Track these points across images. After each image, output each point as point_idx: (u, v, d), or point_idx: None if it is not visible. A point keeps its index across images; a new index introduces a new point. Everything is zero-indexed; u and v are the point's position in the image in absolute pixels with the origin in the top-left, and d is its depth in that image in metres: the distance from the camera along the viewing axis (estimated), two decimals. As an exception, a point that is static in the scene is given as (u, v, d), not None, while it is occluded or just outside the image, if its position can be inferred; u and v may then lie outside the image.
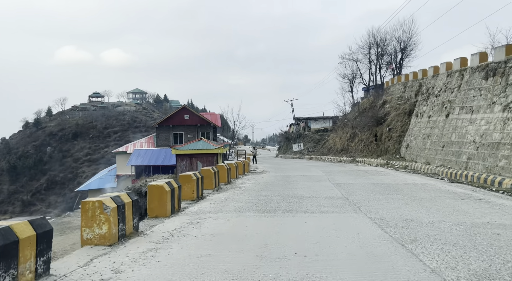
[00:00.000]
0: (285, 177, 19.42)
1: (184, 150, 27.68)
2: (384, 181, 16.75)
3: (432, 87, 25.28)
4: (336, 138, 42.39)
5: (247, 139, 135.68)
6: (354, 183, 15.80)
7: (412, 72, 30.44)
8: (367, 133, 33.60)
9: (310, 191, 13.36)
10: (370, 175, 20.05)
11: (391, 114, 30.29)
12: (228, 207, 10.00)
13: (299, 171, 23.86)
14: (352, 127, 37.81)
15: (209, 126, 46.67)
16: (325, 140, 50.31)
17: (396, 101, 30.98)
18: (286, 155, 59.15)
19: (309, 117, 59.21)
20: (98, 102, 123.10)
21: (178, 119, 45.90)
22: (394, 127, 29.19)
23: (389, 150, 28.85)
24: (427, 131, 23.79)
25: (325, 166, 28.49)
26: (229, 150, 47.76)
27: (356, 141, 35.85)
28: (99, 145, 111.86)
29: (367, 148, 32.92)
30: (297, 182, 16.47)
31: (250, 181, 17.25)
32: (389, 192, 12.71)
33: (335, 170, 24.21)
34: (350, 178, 18.14)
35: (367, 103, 37.67)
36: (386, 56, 50.71)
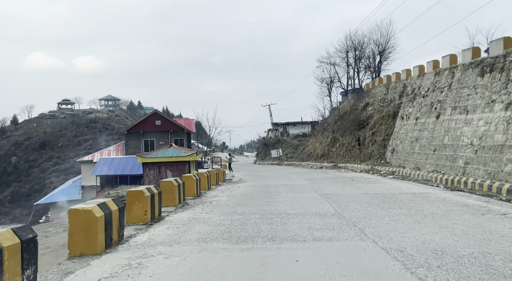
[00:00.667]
0: (264, 186, 17.02)
1: (151, 157, 24.85)
2: (376, 190, 14.64)
3: (418, 88, 23.65)
4: (316, 144, 40.48)
5: (225, 146, 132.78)
6: (344, 193, 13.58)
7: (394, 73, 28.91)
8: (349, 137, 31.77)
9: (296, 205, 11.00)
10: (358, 182, 17.95)
11: (374, 117, 28.57)
12: (190, 233, 7.47)
13: (280, 179, 21.54)
14: (332, 131, 35.98)
15: (183, 132, 43.80)
16: (304, 145, 48.42)
17: (379, 103, 29.32)
18: (265, 161, 56.88)
19: (287, 123, 57.29)
20: (68, 110, 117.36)
21: (149, 125, 42.82)
22: (378, 131, 27.42)
23: (373, 155, 27.02)
24: (415, 134, 22.03)
25: (307, 173, 26.32)
26: (204, 157, 44.98)
27: (337, 146, 33.99)
28: (69, 154, 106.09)
29: (349, 153, 31.05)
30: (278, 193, 14.09)
31: (224, 193, 14.73)
32: (389, 205, 10.52)
33: (318, 177, 22.04)
34: (337, 187, 15.95)
35: (347, 106, 35.97)
36: (364, 60, 49.64)
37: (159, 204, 9.12)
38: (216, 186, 17.61)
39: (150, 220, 8.50)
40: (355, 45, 49.80)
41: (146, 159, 24.93)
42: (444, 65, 20.65)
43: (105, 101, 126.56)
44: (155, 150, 26.88)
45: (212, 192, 15.07)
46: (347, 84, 53.74)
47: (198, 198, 13.16)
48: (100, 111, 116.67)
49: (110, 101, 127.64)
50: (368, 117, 29.31)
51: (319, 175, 23.71)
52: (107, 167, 34.52)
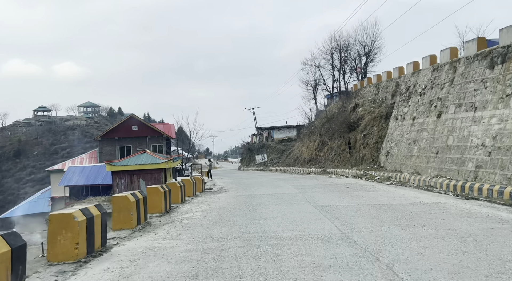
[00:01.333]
0: (248, 197, 14.55)
1: (122, 165, 22.03)
2: (379, 199, 12.38)
3: (413, 86, 21.72)
4: (302, 148, 38.28)
5: (208, 152, 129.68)
6: (344, 205, 11.25)
7: (385, 71, 27.03)
8: (338, 141, 29.67)
9: (288, 223, 8.58)
10: (354, 190, 15.70)
11: (365, 118, 26.56)
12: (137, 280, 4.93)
13: (266, 186, 19.11)
14: (320, 135, 33.84)
15: (162, 138, 40.95)
16: (290, 150, 46.20)
17: (370, 104, 27.35)
18: (249, 167, 54.40)
19: (272, 127, 55.07)
20: (45, 117, 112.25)
21: (125, 130, 39.80)
22: (369, 133, 25.39)
23: (365, 159, 24.92)
24: (413, 135, 20.01)
25: (295, 179, 23.98)
26: (185, 163, 42.19)
27: (325, 150, 31.84)
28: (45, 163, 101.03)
29: (338, 157, 28.92)
30: (265, 206, 11.65)
31: (201, 207, 12.18)
32: (406, 222, 8.21)
33: (308, 184, 19.72)
34: (333, 197, 13.62)
35: (335, 108, 33.97)
36: (350, 61, 48.02)
37: (102, 229, 6.54)
38: (192, 198, 15.03)
39: (86, 254, 5.91)
40: (340, 47, 48.17)
41: (116, 167, 22.10)
42: (443, 60, 18.75)
43: (84, 108, 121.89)
44: (127, 157, 24.07)
45: (186, 206, 12.49)
46: (332, 87, 52.03)
47: (166, 214, 10.58)
48: (79, 118, 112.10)
49: (90, 108, 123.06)
50: (358, 119, 27.29)
51: (309, 182, 21.39)
52: (77, 176, 31.36)
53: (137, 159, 22.60)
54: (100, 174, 31.32)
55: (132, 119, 40.30)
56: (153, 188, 10.53)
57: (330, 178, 23.97)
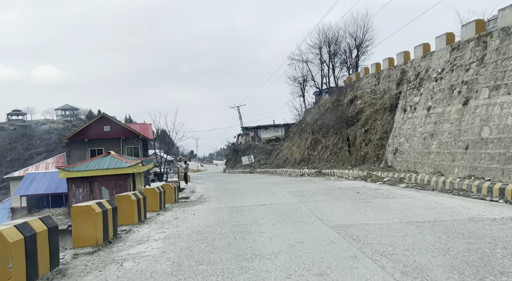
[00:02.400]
0: (234, 210, 10.71)
1: (79, 171, 17.86)
2: (414, 212, 8.79)
3: (425, 71, 18.32)
4: (293, 148, 34.67)
5: (193, 155, 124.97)
6: (372, 224, 7.58)
7: (387, 58, 23.66)
8: (333, 138, 26.14)
9: (304, 269, 4.81)
10: (369, 197, 12.09)
11: (366, 111, 23.10)
12: None
13: (256, 193, 15.30)
14: (312, 132, 30.29)
15: (137, 139, 36.66)
16: (279, 150, 42.57)
17: (369, 95, 23.94)
18: (235, 170, 50.48)
19: (258, 126, 51.30)
20: (19, 121, 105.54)
21: (95, 131, 35.36)
22: (372, 128, 21.92)
23: (368, 158, 21.42)
24: (429, 128, 16.57)
25: (288, 182, 20.26)
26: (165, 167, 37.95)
27: (319, 149, 28.28)
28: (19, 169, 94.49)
29: (335, 156, 25.38)
30: (259, 227, 7.84)
31: (164, 231, 8.26)
32: (504, 263, 4.56)
33: (306, 189, 16.03)
34: (347, 208, 9.95)
35: (329, 102, 30.47)
36: (340, 55, 44.78)
37: None
38: (159, 213, 11.08)
39: None
40: (329, 40, 44.91)
41: (72, 172, 17.91)
42: (466, 36, 15.37)
43: (62, 111, 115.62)
44: (86, 160, 19.86)
45: (143, 229, 8.53)
46: (321, 82, 48.72)
47: (104, 248, 6.62)
48: (55, 121, 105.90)
49: (68, 111, 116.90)
50: (357, 112, 23.81)
51: (306, 186, 17.70)
52: (36, 184, 26.86)
53: (98, 162, 18.47)
54: (63, 181, 26.90)
55: (103, 119, 35.86)
56: (84, 207, 6.57)
57: (329, 181, 20.35)
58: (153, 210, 11.26)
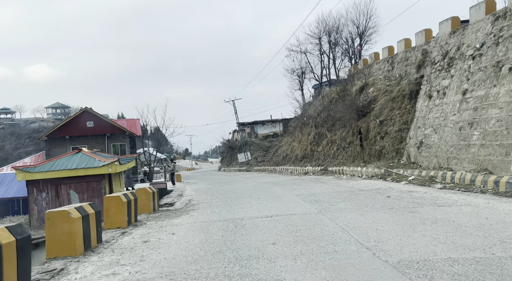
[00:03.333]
0: (230, 226, 7.52)
1: (42, 171, 14.52)
2: (503, 234, 5.64)
3: (456, 48, 15.21)
4: (293, 143, 31.53)
5: (188, 153, 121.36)
6: (465, 259, 4.38)
7: (402, 40, 20.53)
8: (341, 131, 23.02)
9: None
10: (410, 203, 8.99)
11: (379, 100, 19.99)
12: None
13: (257, 198, 12.09)
14: (315, 126, 27.17)
15: (124, 135, 33.26)
16: (277, 146, 39.43)
17: (383, 82, 20.83)
18: (231, 168, 47.28)
19: (255, 121, 48.07)
20: (8, 120, 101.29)
21: (78, 127, 31.92)
22: (388, 119, 18.81)
23: (385, 153, 18.32)
24: (467, 116, 13.46)
25: (293, 183, 17.10)
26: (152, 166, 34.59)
27: (324, 144, 25.15)
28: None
29: (344, 152, 22.26)
30: (273, 267, 4.63)
31: (116, 275, 5.01)
32: None
33: (319, 191, 12.86)
34: (395, 223, 6.82)
35: (334, 93, 27.32)
36: (341, 45, 41.63)
37: None
38: (125, 231, 7.81)
39: None
40: (329, 28, 41.75)
41: (33, 173, 14.57)
42: (516, 0, 12.25)
43: (52, 109, 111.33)
44: (51, 159, 16.48)
45: (84, 268, 5.25)
46: (321, 75, 45.54)
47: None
48: (45, 120, 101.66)
49: (59, 109, 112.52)
50: (370, 102, 20.68)
51: (317, 187, 14.54)
52: (5, 186, 23.43)
53: (66, 161, 15.13)
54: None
55: (86, 114, 32.39)
56: None
57: (341, 180, 17.21)
58: (118, 226, 8.01)
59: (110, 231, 7.75)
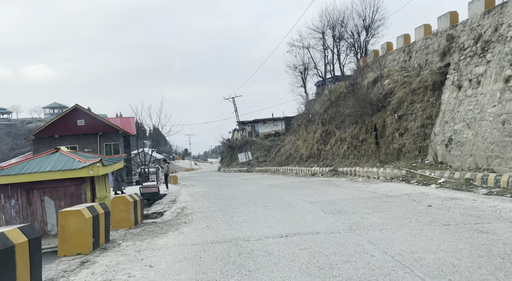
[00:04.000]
0: (232, 254, 5.31)
1: (10, 174, 12.28)
2: None
3: (493, 30, 13.00)
4: (297, 142, 29.33)
5: (187, 153, 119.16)
6: None
7: (421, 26, 18.32)
8: (352, 128, 20.83)
9: None
10: (467, 216, 6.84)
11: (397, 93, 17.79)
12: None
13: (263, 205, 9.89)
14: (322, 123, 24.97)
15: (117, 134, 31.05)
16: (279, 146, 37.23)
17: (400, 74, 18.63)
18: (231, 168, 45.06)
19: (256, 120, 45.83)
20: (4, 120, 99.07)
21: (68, 126, 29.71)
22: (408, 113, 16.62)
23: (405, 152, 16.12)
24: (510, 107, 11.24)
25: (303, 186, 14.89)
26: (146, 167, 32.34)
27: (332, 142, 22.96)
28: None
29: (355, 151, 20.07)
30: None
31: None
32: None
33: (337, 198, 10.66)
34: (471, 255, 4.56)
35: (342, 87, 25.10)
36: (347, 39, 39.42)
37: None
38: (86, 260, 5.57)
39: None
40: (334, 22, 39.58)
41: (1, 177, 12.33)
42: None
43: (50, 109, 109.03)
44: (22, 160, 14.23)
45: None
46: (325, 71, 43.30)
47: None
48: (42, 120, 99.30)
49: (56, 109, 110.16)
50: (385, 95, 18.48)
51: (332, 192, 12.32)
52: (-16, 190, 21.16)
53: (40, 163, 12.89)
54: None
55: (76, 112, 30.16)
56: None
57: (357, 183, 15.00)
58: (78, 252, 5.79)
59: (65, 260, 5.53)
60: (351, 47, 38.77)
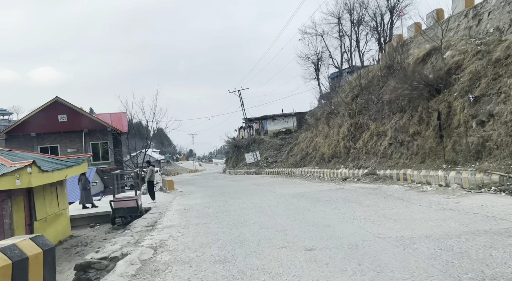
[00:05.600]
0: None
1: None
2: None
3: None
4: (316, 139, 24.27)
5: (192, 154, 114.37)
6: None
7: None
8: (397, 118, 15.76)
9: None
10: None
11: (468, 67, 12.67)
12: None
13: (304, 249, 4.90)
14: (350, 115, 19.88)
15: (106, 132, 26.20)
16: (292, 144, 32.19)
17: (470, 42, 13.48)
18: (237, 170, 40.08)
19: (264, 116, 40.78)
20: (5, 121, 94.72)
21: (47, 122, 24.91)
22: (491, 93, 11.48)
23: (491, 148, 10.99)
24: None
25: (347, 199, 9.86)
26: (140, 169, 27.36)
27: (365, 138, 17.90)
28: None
29: (402, 148, 14.98)
30: None
31: None
32: None
33: (444, 233, 5.59)
34: None
35: (376, 70, 19.97)
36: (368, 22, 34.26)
37: None
38: None
39: None
40: (351, 5, 34.48)
41: None
42: None
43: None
44: None
45: None
46: (341, 61, 38.19)
47: None
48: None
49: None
50: (448, 71, 13.34)
51: (414, 216, 7.25)
52: None
53: None
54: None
55: (57, 105, 25.33)
56: None
57: (426, 194, 9.89)
58: None
59: None
60: (372, 32, 33.62)
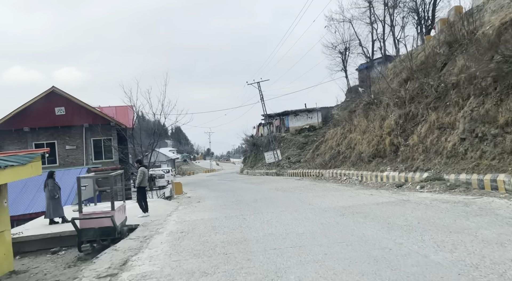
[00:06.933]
0: None
1: None
2: None
3: None
4: (351, 135, 20.21)
5: (209, 153, 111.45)
6: None
7: None
8: (471, 105, 11.56)
9: None
10: None
11: None
12: None
13: None
14: (398, 105, 15.77)
15: (109, 127, 22.98)
16: (317, 142, 28.15)
17: None
18: (256, 170, 36.33)
19: (285, 112, 36.86)
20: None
21: (42, 116, 21.89)
22: None
23: None
24: None
25: (442, 227, 5.97)
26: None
27: (421, 133, 13.79)
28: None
29: (485, 145, 10.81)
30: None
31: None
32: None
33: None
34: None
35: (434, 46, 15.73)
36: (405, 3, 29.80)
37: None
38: None
39: None
40: (386, -15, 30.16)
41: None
42: None
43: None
44: None
45: None
46: (372, 49, 33.87)
47: None
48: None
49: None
50: None
51: None
52: None
53: None
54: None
55: (54, 96, 22.25)
56: None
57: None
58: None
59: None
60: (412, 14, 29.17)
